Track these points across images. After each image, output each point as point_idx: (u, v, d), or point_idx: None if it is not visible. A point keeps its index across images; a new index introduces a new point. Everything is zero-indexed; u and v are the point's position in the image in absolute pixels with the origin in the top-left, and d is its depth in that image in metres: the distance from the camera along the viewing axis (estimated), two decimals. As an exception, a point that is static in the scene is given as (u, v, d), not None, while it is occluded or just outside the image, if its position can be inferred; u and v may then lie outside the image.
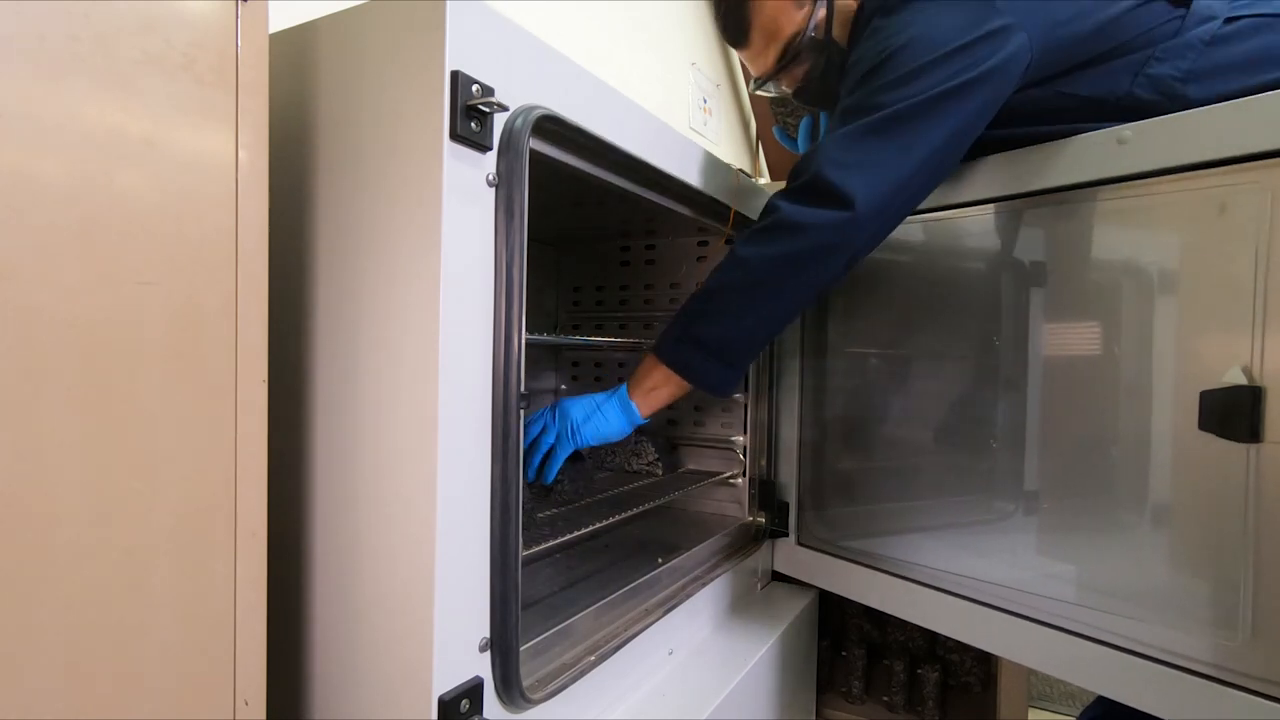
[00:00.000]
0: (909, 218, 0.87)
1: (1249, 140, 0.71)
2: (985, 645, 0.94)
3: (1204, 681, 0.74)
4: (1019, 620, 0.89)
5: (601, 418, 0.88)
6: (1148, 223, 0.80)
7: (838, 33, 1.01)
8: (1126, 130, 0.79)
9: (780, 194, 0.84)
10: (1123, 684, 0.80)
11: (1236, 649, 0.72)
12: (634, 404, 0.89)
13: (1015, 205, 0.92)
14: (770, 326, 0.87)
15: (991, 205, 0.94)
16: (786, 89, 1.10)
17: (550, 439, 0.88)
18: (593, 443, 0.89)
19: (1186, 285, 0.77)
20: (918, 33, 0.82)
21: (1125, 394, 0.82)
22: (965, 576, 0.95)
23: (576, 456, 1.14)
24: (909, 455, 1.08)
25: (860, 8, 0.98)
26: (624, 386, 0.90)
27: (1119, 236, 0.83)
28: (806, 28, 1.00)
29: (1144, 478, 0.81)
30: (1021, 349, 0.92)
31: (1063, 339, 0.90)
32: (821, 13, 1.00)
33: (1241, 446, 0.71)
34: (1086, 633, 0.83)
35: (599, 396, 0.90)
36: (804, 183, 0.81)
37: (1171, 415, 0.77)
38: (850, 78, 0.88)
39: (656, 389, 0.89)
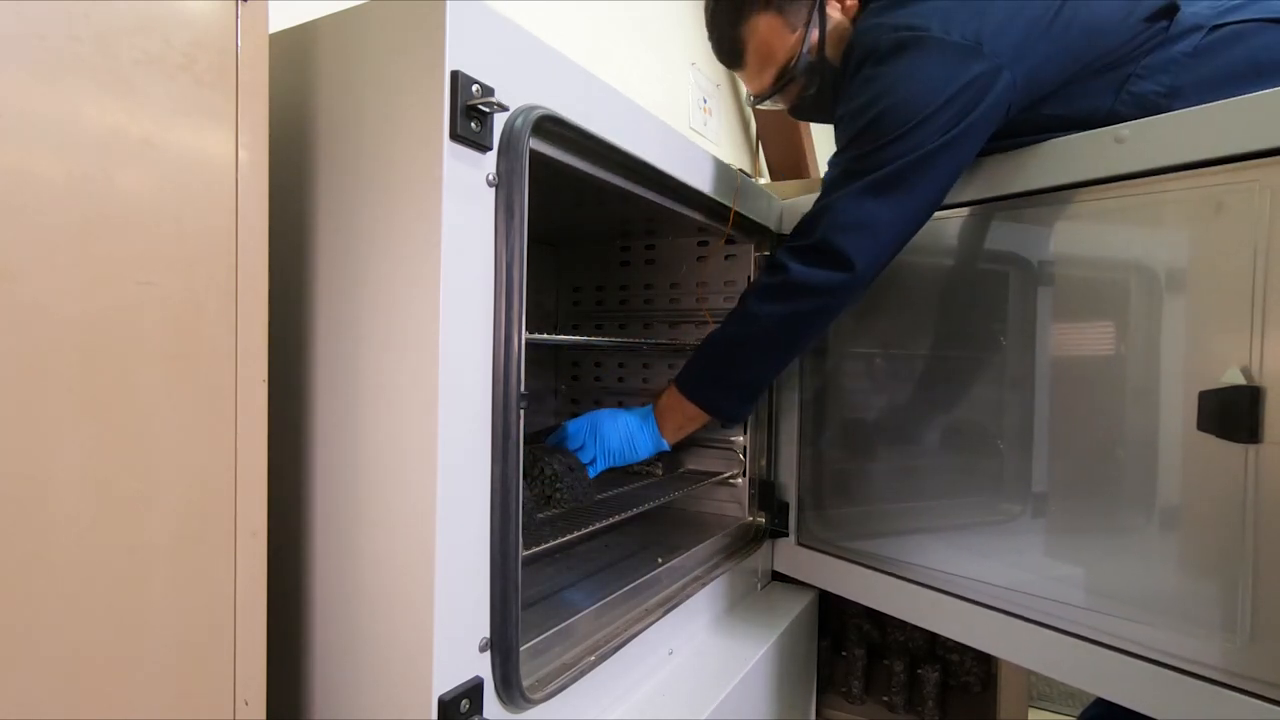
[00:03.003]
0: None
1: (1246, 139, 0.71)
2: (985, 647, 0.94)
3: (1203, 684, 0.73)
4: (1019, 621, 0.89)
5: (633, 451, 1.02)
6: (1146, 222, 0.80)
7: (830, 52, 1.01)
8: (1124, 129, 0.79)
9: (788, 252, 0.90)
10: (1122, 686, 0.79)
11: (1236, 651, 0.72)
12: (665, 440, 1.03)
13: (1015, 204, 0.92)
14: (784, 365, 1.02)
15: (992, 205, 0.94)
16: (782, 105, 1.11)
17: (588, 458, 1.00)
18: (621, 465, 1.03)
19: (1185, 285, 0.77)
20: (906, 91, 0.85)
21: (1124, 395, 0.82)
22: (966, 578, 0.95)
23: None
24: (908, 456, 1.08)
25: (853, 25, 0.99)
26: (653, 422, 1.02)
27: (1117, 236, 0.83)
28: (801, 51, 1.01)
29: (1142, 479, 0.81)
30: (1026, 349, 0.92)
31: (1063, 339, 0.90)
32: (815, 35, 1.00)
33: (1240, 447, 0.71)
34: (1086, 634, 0.83)
35: (632, 423, 1.02)
36: (812, 245, 0.88)
37: (1171, 416, 0.77)
38: (844, 129, 0.91)
39: (684, 426, 1.02)
